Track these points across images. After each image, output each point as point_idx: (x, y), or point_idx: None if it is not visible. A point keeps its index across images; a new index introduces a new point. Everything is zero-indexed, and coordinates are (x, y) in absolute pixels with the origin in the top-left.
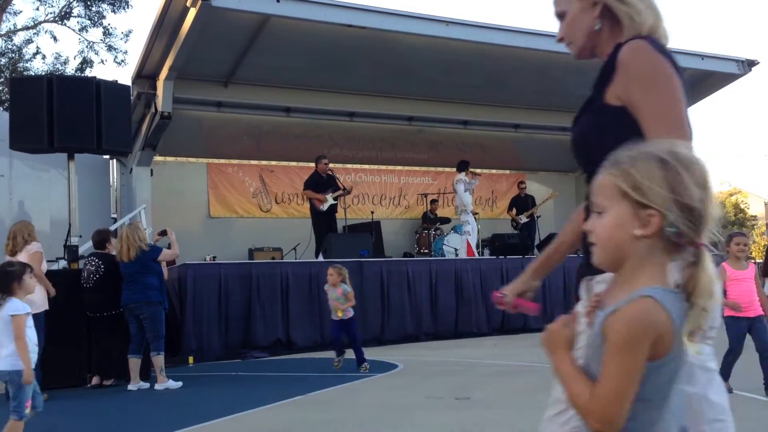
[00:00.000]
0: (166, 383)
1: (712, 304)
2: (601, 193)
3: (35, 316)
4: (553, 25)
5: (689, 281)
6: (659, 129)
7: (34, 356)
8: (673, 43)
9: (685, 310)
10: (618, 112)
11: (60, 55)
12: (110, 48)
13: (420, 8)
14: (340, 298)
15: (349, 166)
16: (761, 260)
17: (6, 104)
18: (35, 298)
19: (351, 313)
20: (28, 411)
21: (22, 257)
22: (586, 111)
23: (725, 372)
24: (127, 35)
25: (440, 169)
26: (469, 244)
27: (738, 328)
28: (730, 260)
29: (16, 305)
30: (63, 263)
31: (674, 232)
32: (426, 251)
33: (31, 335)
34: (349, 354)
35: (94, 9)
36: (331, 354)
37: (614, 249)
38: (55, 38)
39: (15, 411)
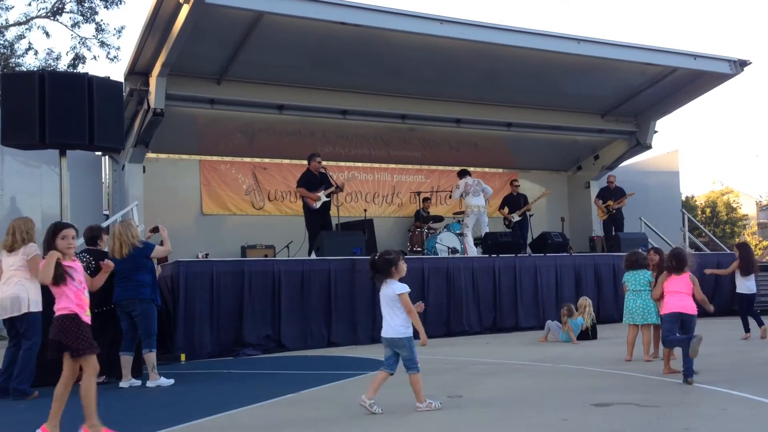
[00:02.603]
0: (157, 380)
1: None
2: None
3: (34, 316)
4: (547, 25)
5: None
6: None
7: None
8: (666, 43)
9: None
10: None
11: (52, 51)
12: (103, 44)
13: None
14: None
15: (342, 164)
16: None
17: None
18: (35, 297)
19: None
20: (419, 364)
21: (19, 257)
22: None
23: None
24: (119, 31)
25: (433, 167)
26: (466, 244)
27: None
28: None
29: (399, 286)
30: None
31: None
32: (419, 249)
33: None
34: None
35: (86, 5)
36: (322, 353)
37: None
38: (47, 34)
39: (412, 367)
